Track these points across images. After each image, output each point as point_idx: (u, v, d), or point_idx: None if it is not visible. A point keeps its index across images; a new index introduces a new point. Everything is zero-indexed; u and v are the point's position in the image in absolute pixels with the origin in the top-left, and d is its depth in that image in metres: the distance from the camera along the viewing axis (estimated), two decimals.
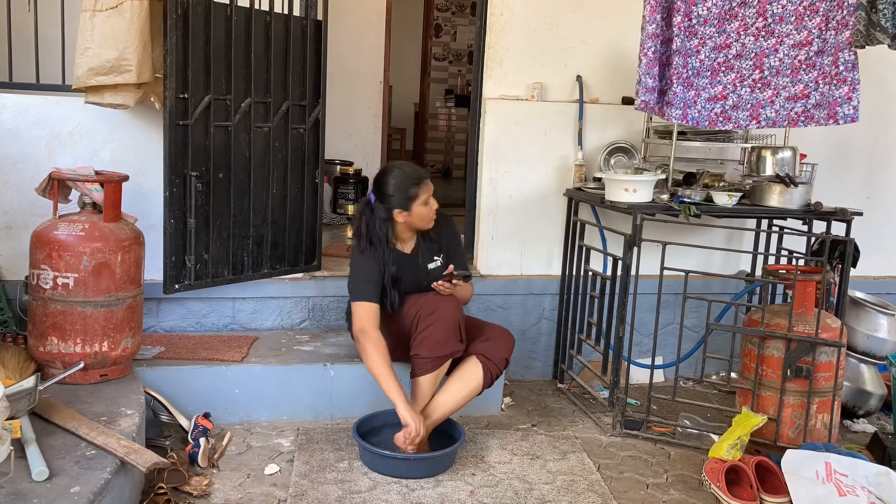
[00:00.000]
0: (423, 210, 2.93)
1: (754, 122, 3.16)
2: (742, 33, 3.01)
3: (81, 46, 2.91)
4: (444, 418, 2.91)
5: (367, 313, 2.89)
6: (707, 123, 3.17)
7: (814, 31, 3.03)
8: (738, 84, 3.07)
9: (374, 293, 2.92)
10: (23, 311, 3.08)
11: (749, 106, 3.08)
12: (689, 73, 3.01)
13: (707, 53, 3.01)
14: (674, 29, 3.02)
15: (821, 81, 3.07)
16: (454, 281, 2.93)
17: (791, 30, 3.03)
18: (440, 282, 2.93)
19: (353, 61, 5.60)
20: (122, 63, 2.90)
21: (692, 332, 3.86)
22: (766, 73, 3.08)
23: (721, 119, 3.11)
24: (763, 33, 3.02)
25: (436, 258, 3.09)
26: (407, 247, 3.05)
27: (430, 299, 2.94)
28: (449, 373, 2.96)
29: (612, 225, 3.63)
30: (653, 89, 3.06)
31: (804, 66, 3.06)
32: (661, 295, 3.12)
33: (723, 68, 3.05)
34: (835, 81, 3.07)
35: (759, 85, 3.06)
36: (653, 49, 3.06)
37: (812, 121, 3.10)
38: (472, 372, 2.94)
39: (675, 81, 3.04)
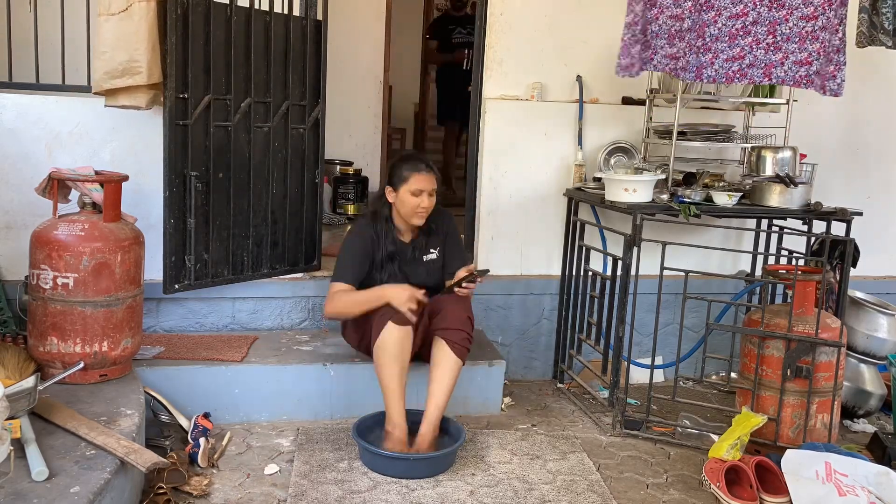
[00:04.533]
0: (409, 198, 2.94)
1: (766, 78, 3.31)
2: (758, 3, 3.23)
3: (97, 50, 2.93)
4: (441, 406, 2.88)
5: (338, 288, 2.97)
6: (724, 80, 3.33)
7: (819, 7, 3.17)
8: (754, 46, 3.27)
9: (353, 275, 2.98)
10: (23, 311, 3.08)
11: (763, 65, 3.27)
12: (708, 40, 3.25)
13: (724, 22, 3.25)
14: (685, 12, 3.25)
15: (822, 52, 3.20)
16: (478, 280, 2.93)
17: (799, 3, 3.20)
18: (465, 285, 2.91)
19: (353, 61, 5.59)
20: (132, 65, 2.90)
21: (692, 332, 3.86)
22: (779, 38, 3.26)
23: (738, 76, 3.30)
24: (775, 5, 3.22)
25: (432, 251, 3.11)
26: (406, 237, 3.08)
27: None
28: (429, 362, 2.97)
29: (612, 225, 3.63)
30: (628, 66, 3.35)
31: (809, 38, 3.21)
32: (661, 295, 3.12)
33: (741, 33, 3.26)
34: (831, 55, 3.18)
35: (773, 48, 3.26)
36: (629, 36, 3.31)
37: (812, 85, 3.26)
38: (440, 352, 2.90)
39: (687, 53, 3.25)
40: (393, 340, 2.82)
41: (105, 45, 2.90)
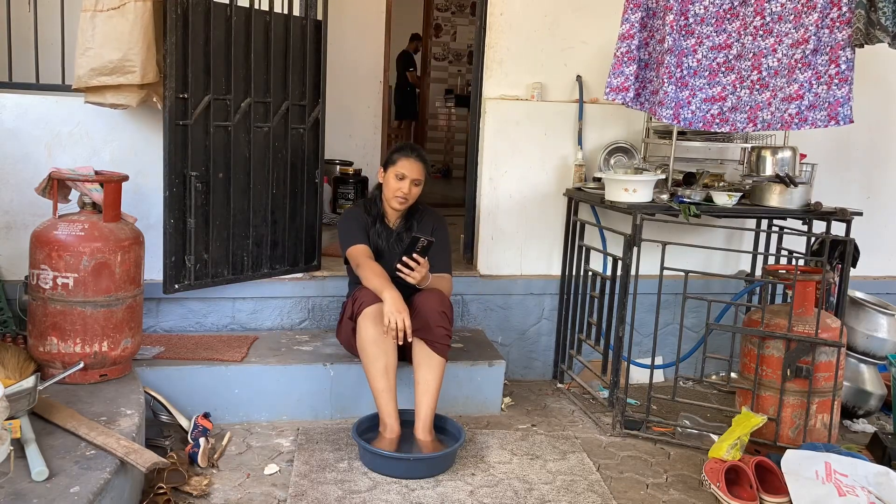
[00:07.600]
0: (393, 182, 3.03)
1: (751, 124, 3.12)
2: (742, 33, 2.99)
3: (82, 46, 2.90)
4: (431, 406, 2.90)
5: (359, 252, 3.01)
6: (701, 125, 3.14)
7: (811, 27, 2.99)
8: (737, 86, 3.04)
9: (364, 238, 3.05)
10: (23, 311, 3.08)
11: (748, 108, 3.06)
12: (685, 72, 2.99)
13: (705, 53, 2.99)
14: (666, 28, 3.00)
15: (814, 82, 3.04)
16: (422, 242, 2.84)
17: (790, 28, 3.01)
18: (415, 256, 2.85)
19: (353, 61, 5.59)
20: (125, 64, 2.89)
21: (692, 332, 3.86)
22: (765, 73, 3.05)
23: (717, 121, 3.08)
24: (761, 32, 3.00)
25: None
26: (392, 222, 3.14)
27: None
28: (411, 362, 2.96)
29: (612, 225, 3.63)
30: (621, 88, 3.07)
31: (800, 65, 3.02)
32: (661, 295, 3.12)
33: (723, 69, 3.03)
34: (836, 81, 3.04)
35: (758, 86, 3.04)
36: (623, 49, 3.08)
37: (805, 123, 3.06)
38: (420, 353, 2.91)
39: (666, 81, 3.01)
40: (370, 340, 2.84)
41: (91, 42, 2.89)
